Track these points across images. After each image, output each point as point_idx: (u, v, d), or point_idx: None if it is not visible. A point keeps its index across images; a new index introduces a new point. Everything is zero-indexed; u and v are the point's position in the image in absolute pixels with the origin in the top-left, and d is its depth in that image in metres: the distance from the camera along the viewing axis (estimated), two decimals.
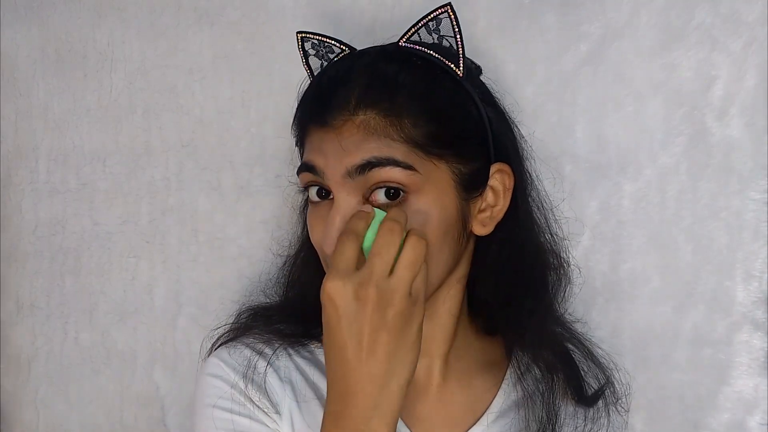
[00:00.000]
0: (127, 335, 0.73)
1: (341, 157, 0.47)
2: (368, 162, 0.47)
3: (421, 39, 0.53)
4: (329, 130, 0.48)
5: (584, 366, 0.59)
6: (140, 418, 0.73)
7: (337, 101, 0.49)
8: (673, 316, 0.67)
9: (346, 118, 0.48)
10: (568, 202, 0.68)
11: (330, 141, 0.48)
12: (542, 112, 0.68)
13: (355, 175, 0.47)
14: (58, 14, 0.72)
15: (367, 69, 0.50)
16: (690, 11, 0.66)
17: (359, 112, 0.48)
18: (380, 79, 0.49)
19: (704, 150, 0.66)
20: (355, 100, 0.48)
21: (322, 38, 0.55)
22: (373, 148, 0.47)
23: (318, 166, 0.49)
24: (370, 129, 0.47)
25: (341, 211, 0.47)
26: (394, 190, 0.47)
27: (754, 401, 0.66)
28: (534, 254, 0.58)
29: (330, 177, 0.48)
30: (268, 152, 0.71)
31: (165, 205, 0.73)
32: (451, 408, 0.54)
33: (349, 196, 0.48)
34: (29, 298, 0.74)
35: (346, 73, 0.50)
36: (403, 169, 0.47)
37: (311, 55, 0.56)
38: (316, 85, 0.53)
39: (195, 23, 0.71)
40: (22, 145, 0.74)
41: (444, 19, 0.52)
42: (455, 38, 0.52)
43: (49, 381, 0.74)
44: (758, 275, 0.66)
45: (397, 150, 0.47)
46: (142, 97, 0.72)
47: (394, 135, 0.47)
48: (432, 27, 0.53)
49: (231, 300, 0.72)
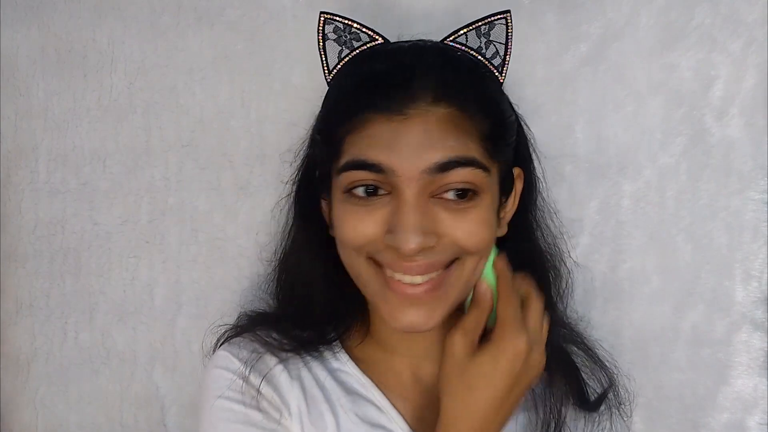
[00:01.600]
0: (127, 335, 0.73)
1: (421, 152, 0.45)
2: (453, 160, 0.45)
3: (468, 40, 0.51)
4: (403, 122, 0.45)
5: (587, 369, 0.59)
6: (140, 418, 0.73)
7: (414, 90, 0.45)
8: (673, 316, 0.68)
9: (425, 110, 0.45)
10: (568, 202, 0.69)
11: (406, 134, 0.45)
12: (542, 112, 0.68)
13: (434, 173, 0.45)
14: (58, 14, 0.72)
15: (437, 65, 0.48)
16: (690, 11, 0.66)
17: (439, 105, 0.45)
18: (453, 77, 0.48)
19: (704, 150, 0.66)
20: (434, 92, 0.46)
21: (350, 23, 0.51)
22: (454, 145, 0.45)
23: (384, 162, 0.45)
24: (451, 124, 0.45)
25: (416, 207, 0.45)
26: (464, 191, 0.46)
27: (753, 401, 0.66)
28: (539, 256, 0.58)
29: (403, 173, 0.45)
30: (268, 152, 0.71)
31: (165, 205, 0.73)
32: None
33: (421, 194, 0.45)
34: (29, 298, 0.74)
35: (415, 65, 0.47)
36: (482, 171, 0.47)
37: (330, 39, 0.52)
38: (375, 70, 0.48)
39: (195, 23, 0.71)
40: (21, 144, 0.74)
41: (498, 26, 0.51)
42: (506, 45, 0.51)
43: (48, 381, 0.74)
44: (758, 275, 0.66)
45: (475, 150, 0.46)
46: (142, 97, 0.72)
47: (470, 133, 0.46)
48: (483, 30, 0.51)
49: (231, 300, 0.72)
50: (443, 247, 0.47)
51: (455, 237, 0.47)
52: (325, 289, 0.55)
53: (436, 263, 0.47)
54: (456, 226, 0.46)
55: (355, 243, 0.48)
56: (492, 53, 0.52)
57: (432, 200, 0.46)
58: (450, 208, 0.47)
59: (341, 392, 0.54)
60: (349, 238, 0.48)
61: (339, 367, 0.56)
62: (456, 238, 0.47)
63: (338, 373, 0.55)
